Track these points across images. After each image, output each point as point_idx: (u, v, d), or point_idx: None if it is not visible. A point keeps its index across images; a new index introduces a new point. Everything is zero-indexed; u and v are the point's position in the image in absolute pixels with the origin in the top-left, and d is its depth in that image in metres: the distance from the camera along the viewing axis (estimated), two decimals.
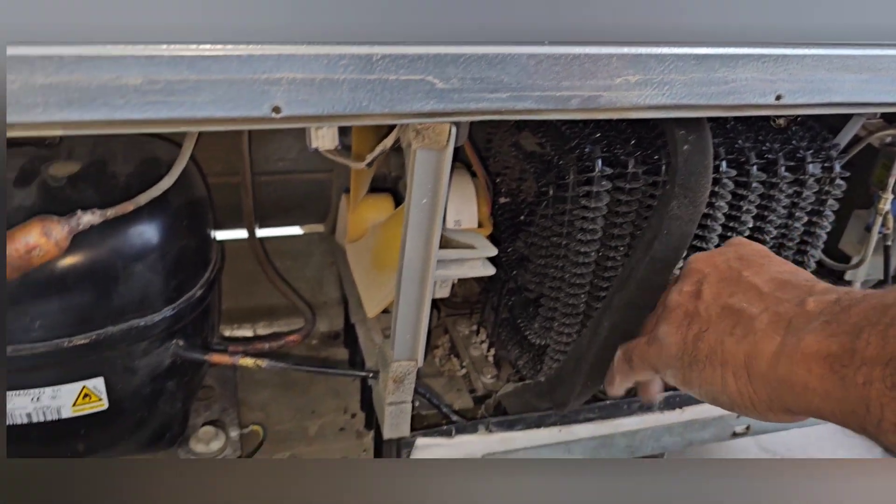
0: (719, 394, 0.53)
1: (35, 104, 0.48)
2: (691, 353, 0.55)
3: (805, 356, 0.45)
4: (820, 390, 0.44)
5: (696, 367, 0.55)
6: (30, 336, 0.63)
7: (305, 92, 0.52)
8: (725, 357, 0.52)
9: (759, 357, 0.50)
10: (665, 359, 0.58)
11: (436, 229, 0.64)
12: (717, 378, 0.53)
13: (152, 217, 0.66)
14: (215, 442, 0.80)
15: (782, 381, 0.48)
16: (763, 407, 0.50)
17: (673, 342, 0.57)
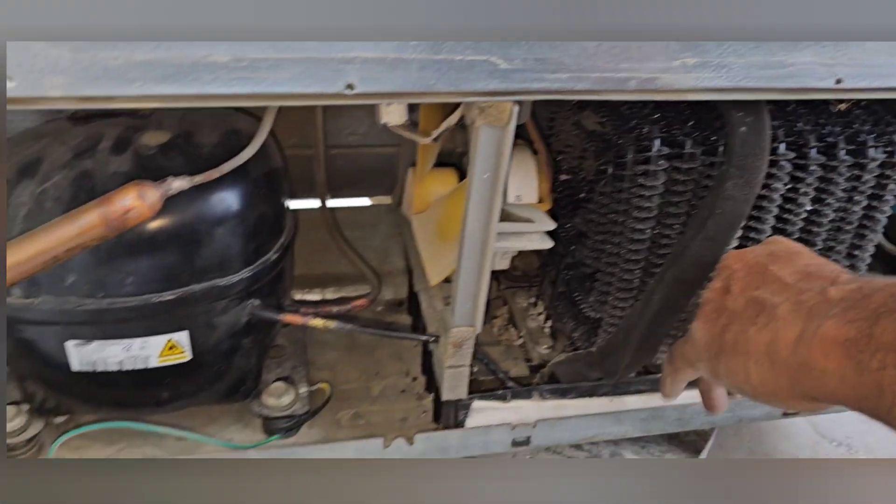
0: (743, 383, 0.54)
1: (135, 79, 0.53)
2: (718, 344, 0.57)
3: (823, 341, 0.46)
4: (836, 375, 0.45)
5: (722, 358, 0.56)
6: (123, 291, 0.69)
7: (377, 70, 0.56)
8: (748, 346, 0.54)
9: (780, 344, 0.51)
10: (696, 352, 0.60)
11: (496, 203, 0.67)
12: (740, 367, 0.54)
13: (234, 184, 0.72)
14: (286, 397, 0.86)
15: (801, 367, 0.49)
16: (785, 394, 0.51)
17: (702, 336, 0.59)
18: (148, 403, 0.80)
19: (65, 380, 0.73)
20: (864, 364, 0.43)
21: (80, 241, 0.60)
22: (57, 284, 0.67)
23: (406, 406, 0.96)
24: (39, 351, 0.71)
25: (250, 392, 0.87)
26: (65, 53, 0.50)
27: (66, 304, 0.68)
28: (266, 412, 0.85)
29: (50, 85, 0.51)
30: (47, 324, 0.69)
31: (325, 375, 0.98)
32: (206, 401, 0.85)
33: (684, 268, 0.72)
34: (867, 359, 0.43)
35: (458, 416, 0.86)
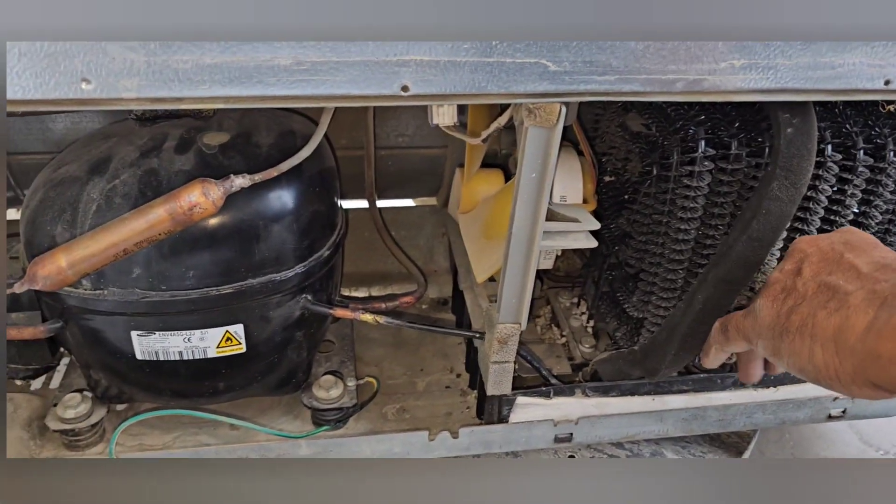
0: (806, 363, 0.55)
1: (203, 81, 0.56)
2: (783, 324, 0.58)
3: (883, 328, 0.47)
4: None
5: (787, 338, 0.57)
6: (184, 284, 0.72)
7: (431, 73, 0.58)
8: (816, 329, 0.54)
9: (850, 330, 0.51)
10: (758, 329, 0.61)
11: (543, 202, 0.69)
12: (805, 349, 0.55)
13: (290, 183, 0.74)
14: (334, 390, 0.88)
15: (869, 354, 0.49)
16: (847, 379, 0.52)
17: (767, 314, 0.60)
18: (204, 393, 0.83)
19: (128, 368, 0.77)
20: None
21: (148, 235, 0.63)
22: (123, 277, 0.71)
23: (450, 401, 0.98)
24: (105, 340, 0.75)
25: (301, 384, 0.89)
26: (139, 57, 0.54)
27: (131, 295, 0.71)
28: (316, 404, 0.88)
29: (124, 87, 0.54)
30: (113, 314, 0.72)
31: (371, 371, 1.01)
32: (258, 392, 0.88)
33: (729, 268, 0.73)
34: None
35: (501, 411, 0.88)
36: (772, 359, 0.61)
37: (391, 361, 1.04)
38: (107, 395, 0.85)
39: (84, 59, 0.53)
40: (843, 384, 0.53)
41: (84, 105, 0.55)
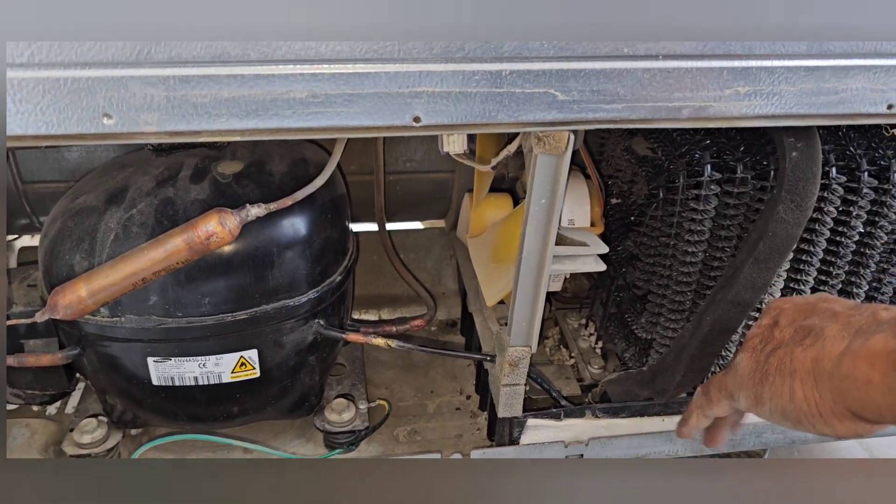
0: (787, 404, 0.55)
1: (220, 114, 0.57)
2: (763, 369, 0.58)
3: (870, 353, 0.48)
4: (882, 386, 0.46)
5: (767, 382, 0.57)
6: (200, 311, 0.73)
7: (442, 104, 0.60)
8: (794, 365, 0.55)
9: (826, 358, 0.52)
10: (739, 380, 0.61)
11: (553, 226, 0.70)
12: (785, 388, 0.55)
13: (303, 211, 0.76)
14: (346, 413, 0.89)
15: (845, 378, 0.50)
16: (828, 411, 0.52)
17: (747, 364, 0.60)
18: (219, 417, 0.84)
19: (145, 394, 0.78)
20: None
21: (165, 264, 0.64)
22: (139, 304, 0.72)
23: (461, 423, 0.99)
24: (122, 366, 0.76)
25: (313, 408, 0.90)
26: (159, 92, 0.55)
27: (148, 322, 0.72)
28: (328, 427, 0.88)
29: (144, 121, 0.56)
30: (130, 341, 0.74)
31: (382, 393, 1.02)
32: (272, 415, 0.89)
33: (736, 290, 0.74)
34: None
35: (512, 433, 0.88)
36: (754, 410, 0.61)
37: (401, 384, 1.05)
38: (122, 420, 0.86)
39: (106, 94, 0.55)
40: (824, 419, 0.53)
41: (105, 139, 0.57)
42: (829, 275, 0.81)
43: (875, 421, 0.50)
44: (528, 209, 0.69)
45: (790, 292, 0.82)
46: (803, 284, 0.81)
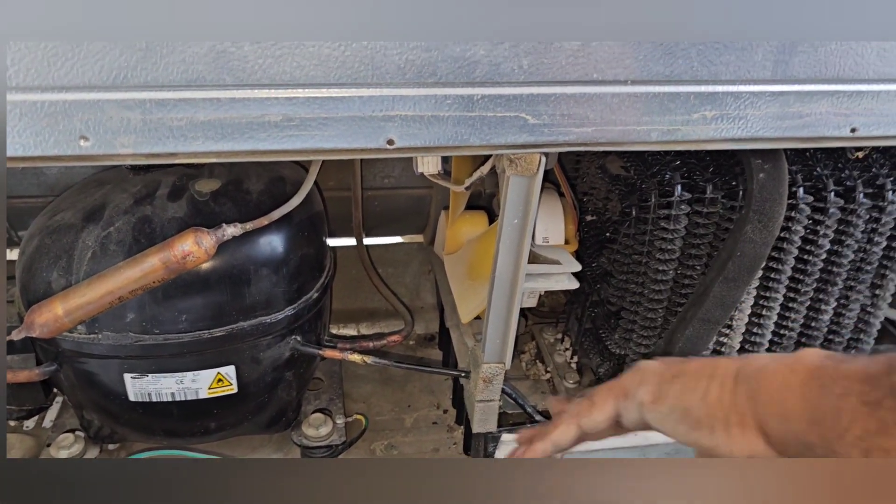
0: (697, 402, 0.52)
1: (196, 137, 0.58)
2: (679, 369, 0.56)
3: (796, 360, 0.48)
4: (798, 392, 0.46)
5: (679, 379, 0.54)
6: (177, 327, 0.74)
7: (415, 127, 0.61)
8: (716, 370, 0.53)
9: (752, 366, 0.51)
10: (642, 376, 0.57)
11: (525, 246, 0.71)
12: (700, 386, 0.53)
13: (280, 229, 0.77)
14: (324, 427, 0.90)
15: (764, 382, 0.49)
16: (735, 419, 0.50)
17: (656, 365, 0.58)
18: (196, 433, 0.85)
19: (122, 409, 0.78)
20: (828, 388, 0.44)
21: (142, 283, 0.65)
22: (117, 321, 0.72)
23: (437, 437, 1.00)
24: (99, 382, 0.76)
25: (291, 423, 0.91)
26: (135, 115, 0.56)
27: (125, 339, 0.73)
28: (305, 442, 0.89)
29: (121, 144, 0.57)
30: (107, 357, 0.74)
31: (360, 408, 1.03)
32: (249, 431, 0.89)
33: (707, 308, 0.76)
34: (831, 383, 0.44)
35: (487, 448, 0.89)
36: (647, 408, 0.55)
37: (379, 398, 1.06)
38: (99, 436, 0.86)
39: (82, 117, 0.55)
40: (727, 426, 0.50)
41: (82, 161, 0.57)
42: (797, 292, 0.83)
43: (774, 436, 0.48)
44: (501, 229, 0.70)
45: (760, 309, 0.83)
46: (772, 302, 0.82)
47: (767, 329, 0.85)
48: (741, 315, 0.84)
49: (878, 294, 0.86)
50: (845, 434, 0.42)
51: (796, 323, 0.86)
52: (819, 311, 0.85)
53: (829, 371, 0.45)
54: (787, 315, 0.84)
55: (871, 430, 0.40)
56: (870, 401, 0.41)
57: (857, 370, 0.43)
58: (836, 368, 0.45)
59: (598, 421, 0.60)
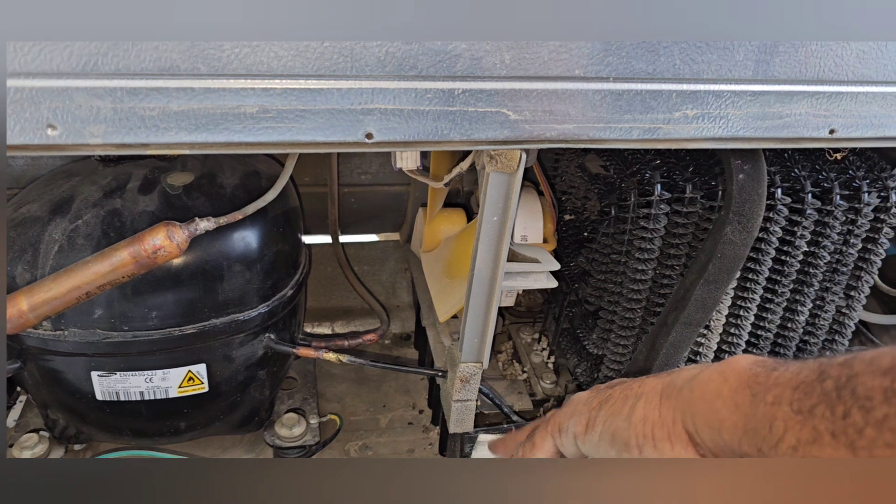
0: (622, 423, 0.53)
1: (169, 128, 0.56)
2: (604, 395, 0.57)
3: (727, 367, 0.47)
4: (730, 401, 0.45)
5: (606, 405, 0.55)
6: (147, 325, 0.72)
7: (395, 121, 0.60)
8: (643, 390, 0.53)
9: (679, 377, 0.51)
10: (573, 408, 0.59)
11: (504, 244, 0.70)
12: (626, 408, 0.53)
13: (254, 224, 0.75)
14: (297, 427, 0.88)
15: (695, 390, 0.48)
16: (663, 434, 0.50)
17: (586, 395, 0.59)
18: (165, 433, 0.83)
19: (88, 408, 0.76)
20: (760, 396, 0.43)
21: (111, 278, 0.63)
22: (84, 318, 0.70)
23: (413, 438, 0.99)
24: (65, 381, 0.74)
25: (263, 422, 0.89)
26: (106, 104, 0.54)
27: (93, 336, 0.71)
28: (278, 442, 0.87)
29: (90, 133, 0.55)
30: (73, 355, 0.72)
31: (334, 407, 1.01)
32: (220, 431, 0.87)
33: (688, 311, 0.75)
34: (763, 392, 0.43)
35: (463, 448, 0.88)
36: (580, 439, 0.57)
37: (354, 397, 1.04)
38: (65, 435, 0.84)
39: (50, 105, 0.53)
40: (655, 441, 0.50)
41: (49, 150, 0.55)
42: (774, 293, 0.83)
43: (706, 446, 0.48)
44: (480, 226, 0.69)
45: (737, 310, 0.83)
46: (749, 303, 0.82)
47: (744, 330, 0.85)
48: (719, 316, 0.84)
49: (853, 296, 0.86)
50: (779, 444, 0.41)
51: (773, 324, 0.86)
52: (795, 313, 0.85)
53: (760, 379, 0.44)
54: (764, 316, 0.85)
55: (804, 439, 0.39)
56: (802, 409, 0.40)
57: (788, 377, 0.43)
58: (768, 376, 0.44)
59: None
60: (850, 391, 0.38)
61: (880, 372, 0.37)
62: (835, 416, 0.38)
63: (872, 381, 0.37)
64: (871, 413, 0.36)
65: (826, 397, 0.39)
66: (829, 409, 0.39)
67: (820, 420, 0.39)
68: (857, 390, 0.38)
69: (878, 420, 0.36)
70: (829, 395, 0.39)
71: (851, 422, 0.37)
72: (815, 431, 0.39)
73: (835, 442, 0.38)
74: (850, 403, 0.38)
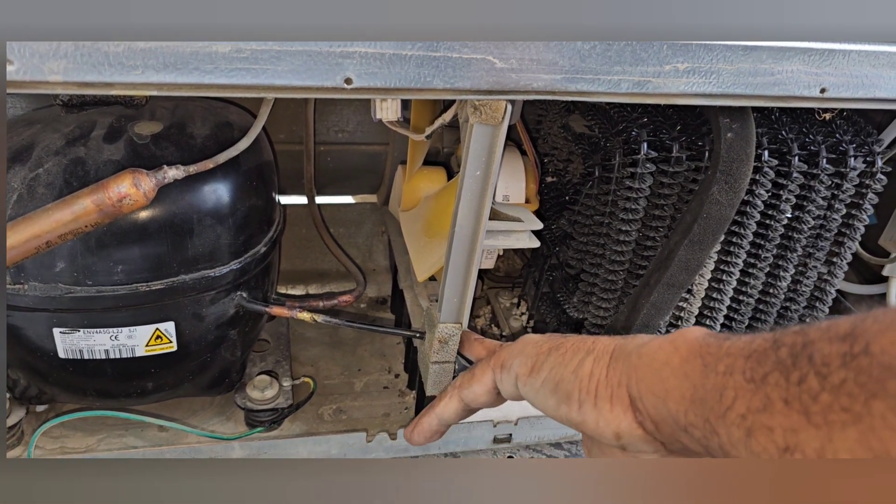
0: (569, 375, 0.52)
1: (135, 66, 0.53)
2: (556, 342, 0.56)
3: (677, 337, 0.46)
4: (679, 370, 0.44)
5: (555, 352, 0.55)
6: (112, 279, 0.69)
7: (375, 66, 0.57)
8: (595, 346, 0.53)
9: (631, 343, 0.50)
10: (520, 348, 0.58)
11: (487, 200, 0.68)
12: (575, 360, 0.53)
13: (226, 176, 0.72)
14: (269, 390, 0.86)
15: (644, 357, 0.48)
16: (606, 393, 0.50)
17: (537, 338, 0.59)
18: (132, 393, 0.80)
19: (50, 367, 0.73)
20: (711, 366, 0.42)
21: (73, 227, 0.59)
22: (45, 271, 0.67)
23: (388, 402, 0.97)
24: (26, 338, 0.71)
25: (234, 384, 0.87)
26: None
27: (54, 291, 0.68)
28: (249, 405, 0.85)
29: (50, 70, 0.51)
30: (34, 310, 0.69)
31: (308, 371, 0.99)
32: (189, 392, 0.85)
33: (672, 272, 0.74)
34: (714, 362, 0.42)
35: None
36: (522, 380, 0.57)
37: (328, 361, 1.02)
38: (26, 396, 0.81)
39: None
40: (596, 400, 0.50)
41: (7, 88, 0.52)
42: (757, 257, 0.82)
43: (648, 414, 0.47)
44: (462, 181, 0.67)
45: (720, 274, 0.82)
46: (733, 266, 0.81)
47: (726, 295, 0.84)
48: (702, 280, 0.83)
49: (836, 262, 0.86)
50: (728, 413, 0.39)
51: (755, 289, 0.85)
52: (777, 278, 0.84)
53: (712, 349, 0.43)
54: (746, 280, 0.83)
55: (754, 407, 0.38)
56: (755, 377, 0.39)
57: (741, 347, 0.41)
58: (720, 346, 0.43)
59: (478, 393, 0.62)
60: (806, 358, 0.37)
61: (838, 338, 0.36)
62: (789, 384, 0.37)
63: (830, 347, 0.36)
64: (828, 378, 0.35)
65: (780, 365, 0.38)
66: (784, 377, 0.37)
67: (773, 388, 0.37)
68: (814, 357, 0.36)
69: (835, 385, 0.34)
70: (783, 362, 0.38)
71: (806, 387, 0.36)
72: (767, 399, 0.37)
73: (787, 409, 0.36)
74: (806, 370, 0.36)
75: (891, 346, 0.33)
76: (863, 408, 0.33)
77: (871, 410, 0.32)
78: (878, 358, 0.33)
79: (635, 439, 0.49)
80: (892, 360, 0.33)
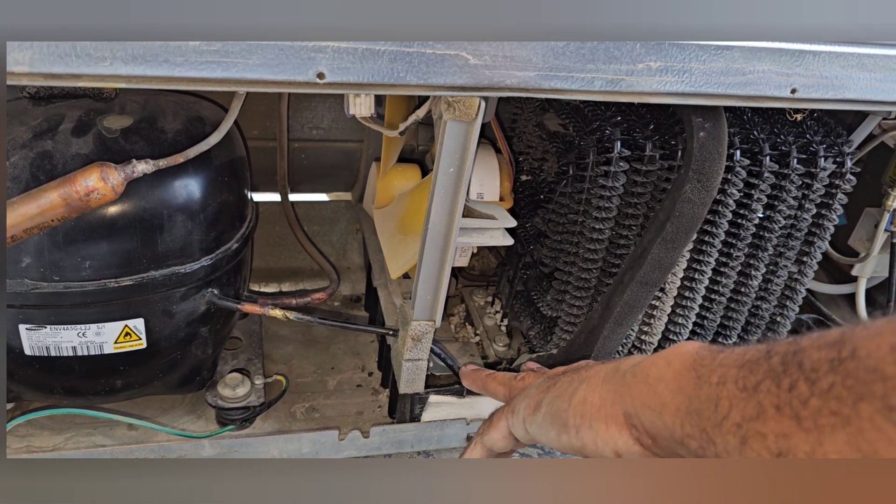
0: (563, 404, 0.54)
1: (104, 58, 0.52)
2: (554, 379, 0.59)
3: (669, 355, 0.47)
4: (673, 384, 0.45)
5: (553, 388, 0.57)
6: (80, 275, 0.68)
7: (348, 60, 0.56)
8: (589, 375, 0.55)
9: (625, 364, 0.52)
10: (525, 393, 0.61)
11: (460, 197, 0.68)
12: (569, 390, 0.55)
13: (198, 171, 0.71)
14: (241, 388, 0.85)
15: (638, 375, 0.49)
16: (600, 415, 0.51)
17: (541, 380, 0.61)
18: (100, 391, 0.79)
19: (16, 365, 0.72)
20: (704, 378, 0.43)
21: (39, 221, 0.58)
22: (11, 266, 0.66)
23: (361, 400, 0.97)
24: None
25: (205, 382, 0.86)
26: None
27: (20, 286, 0.66)
28: (221, 403, 0.84)
29: (15, 60, 0.50)
30: None
31: (280, 369, 0.98)
32: (160, 390, 0.84)
33: (645, 270, 0.74)
34: (707, 373, 0.43)
35: (413, 410, 0.86)
36: (528, 420, 0.59)
37: (301, 359, 1.01)
38: None
39: None
40: (591, 422, 0.52)
41: None
42: (729, 256, 0.82)
43: (644, 429, 0.48)
44: (436, 178, 0.67)
45: (692, 273, 0.82)
46: (705, 265, 0.82)
47: (699, 293, 0.84)
48: (674, 278, 0.83)
49: (806, 262, 0.86)
50: (723, 422, 0.40)
51: (727, 288, 0.85)
52: (749, 277, 0.85)
53: (705, 361, 0.44)
54: (718, 279, 0.84)
55: (748, 415, 0.39)
56: (747, 385, 0.39)
57: (734, 358, 0.42)
58: (714, 358, 0.44)
59: (496, 439, 0.64)
60: (796, 364, 0.37)
61: (827, 344, 0.36)
62: (780, 390, 0.37)
63: (819, 354, 0.36)
64: (817, 384, 0.35)
65: (772, 372, 0.38)
66: (775, 384, 0.38)
67: (765, 395, 0.38)
68: (804, 363, 0.37)
69: (824, 390, 0.35)
70: (774, 370, 0.38)
71: (797, 393, 0.36)
72: (760, 406, 0.38)
73: (778, 415, 0.37)
74: (795, 376, 0.37)
75: (877, 350, 0.34)
76: (851, 411, 0.33)
77: (858, 413, 0.33)
78: (864, 361, 0.34)
79: (634, 456, 0.50)
80: (878, 363, 0.33)
